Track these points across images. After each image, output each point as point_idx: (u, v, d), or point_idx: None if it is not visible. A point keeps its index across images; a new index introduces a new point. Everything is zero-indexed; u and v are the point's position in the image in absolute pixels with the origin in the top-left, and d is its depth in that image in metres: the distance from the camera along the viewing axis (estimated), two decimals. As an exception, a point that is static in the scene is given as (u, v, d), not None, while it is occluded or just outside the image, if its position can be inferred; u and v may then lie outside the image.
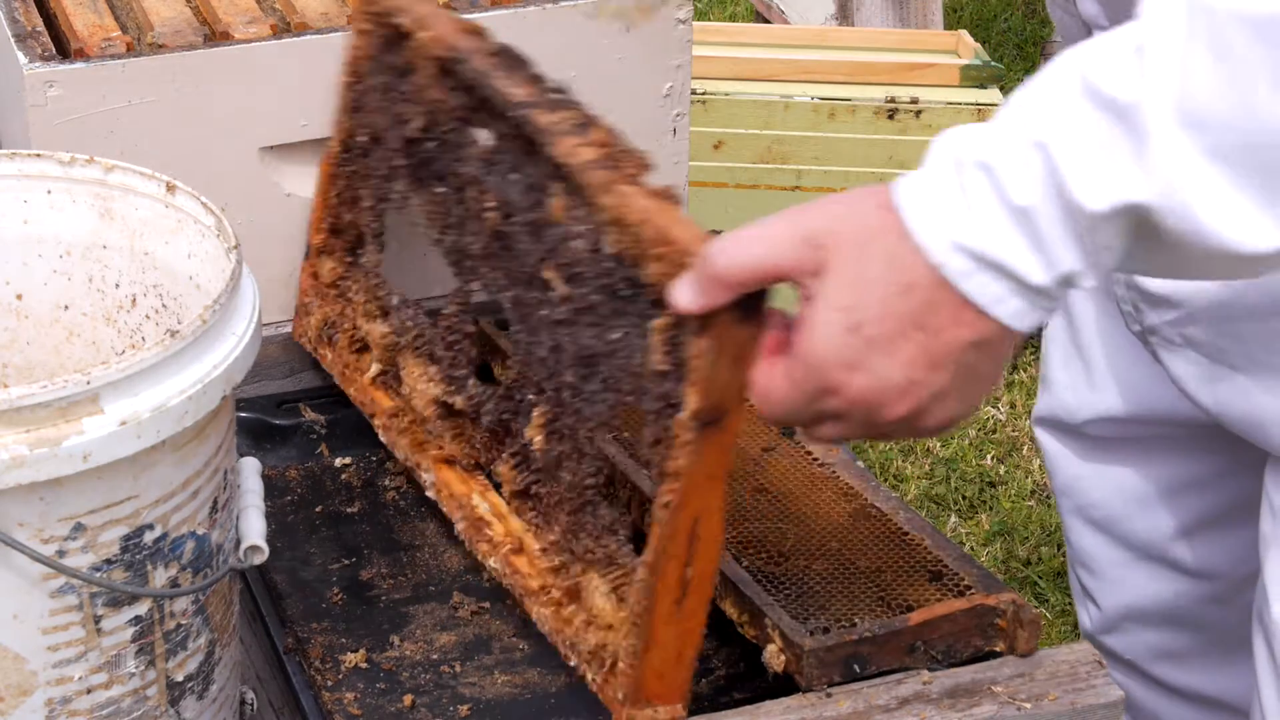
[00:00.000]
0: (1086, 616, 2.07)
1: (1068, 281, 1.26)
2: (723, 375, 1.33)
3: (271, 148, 1.89)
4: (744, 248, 1.30)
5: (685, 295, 1.33)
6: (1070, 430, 2.00)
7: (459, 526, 1.64)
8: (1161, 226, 1.22)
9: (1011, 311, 1.27)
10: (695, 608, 1.41)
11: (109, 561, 1.36)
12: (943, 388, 1.30)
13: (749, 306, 1.31)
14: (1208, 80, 1.19)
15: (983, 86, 4.22)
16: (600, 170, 1.45)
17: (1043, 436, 2.04)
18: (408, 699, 1.56)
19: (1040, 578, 3.24)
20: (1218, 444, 1.85)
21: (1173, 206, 1.21)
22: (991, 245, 1.25)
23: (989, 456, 3.61)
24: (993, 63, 4.24)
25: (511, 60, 1.62)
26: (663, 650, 1.41)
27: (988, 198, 1.25)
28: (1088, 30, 1.67)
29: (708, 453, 1.36)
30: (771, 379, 1.32)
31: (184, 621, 1.43)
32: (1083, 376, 1.97)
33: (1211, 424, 1.76)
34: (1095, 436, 1.99)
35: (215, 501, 1.44)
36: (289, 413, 1.88)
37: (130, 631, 1.39)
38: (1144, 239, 1.25)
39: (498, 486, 1.63)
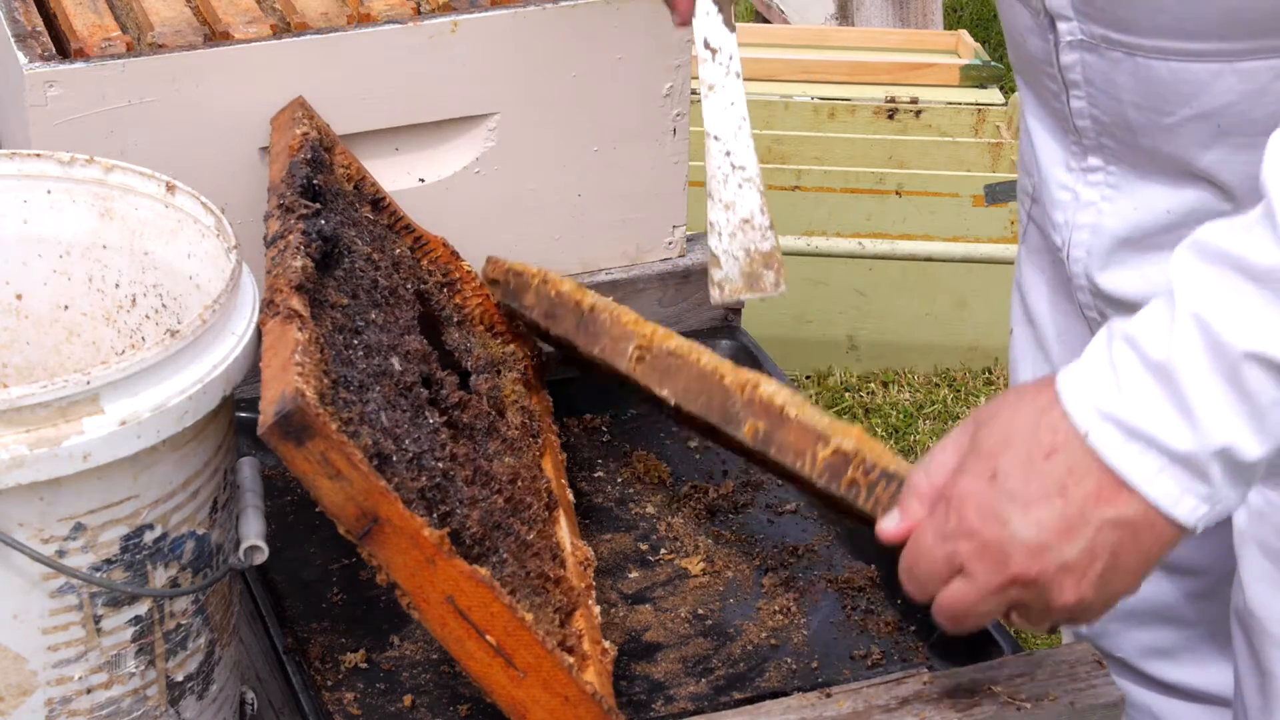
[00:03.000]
0: None
1: (1228, 458, 1.26)
2: (332, 493, 1.36)
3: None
4: (929, 461, 1.39)
5: (891, 525, 1.40)
6: None
7: None
8: None
9: (1161, 491, 1.28)
10: (534, 658, 1.41)
11: (109, 561, 1.36)
12: (1074, 561, 1.30)
13: (287, 429, 1.34)
14: None
15: (983, 86, 4.22)
16: (260, 313, 1.49)
17: None
18: (408, 699, 1.56)
19: (1040, 578, 3.24)
20: None
21: None
22: (1135, 412, 1.27)
23: (989, 456, 3.60)
24: (993, 63, 4.24)
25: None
26: (540, 706, 1.42)
27: (1131, 363, 1.28)
28: (1050, 21, 1.66)
29: (394, 552, 1.38)
30: (920, 530, 1.37)
31: (184, 621, 1.43)
32: None
33: None
34: None
35: (215, 501, 1.44)
36: (289, 413, 1.87)
37: (130, 631, 1.39)
38: None
39: None
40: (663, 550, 1.74)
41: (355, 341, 1.57)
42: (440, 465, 1.54)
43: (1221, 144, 1.61)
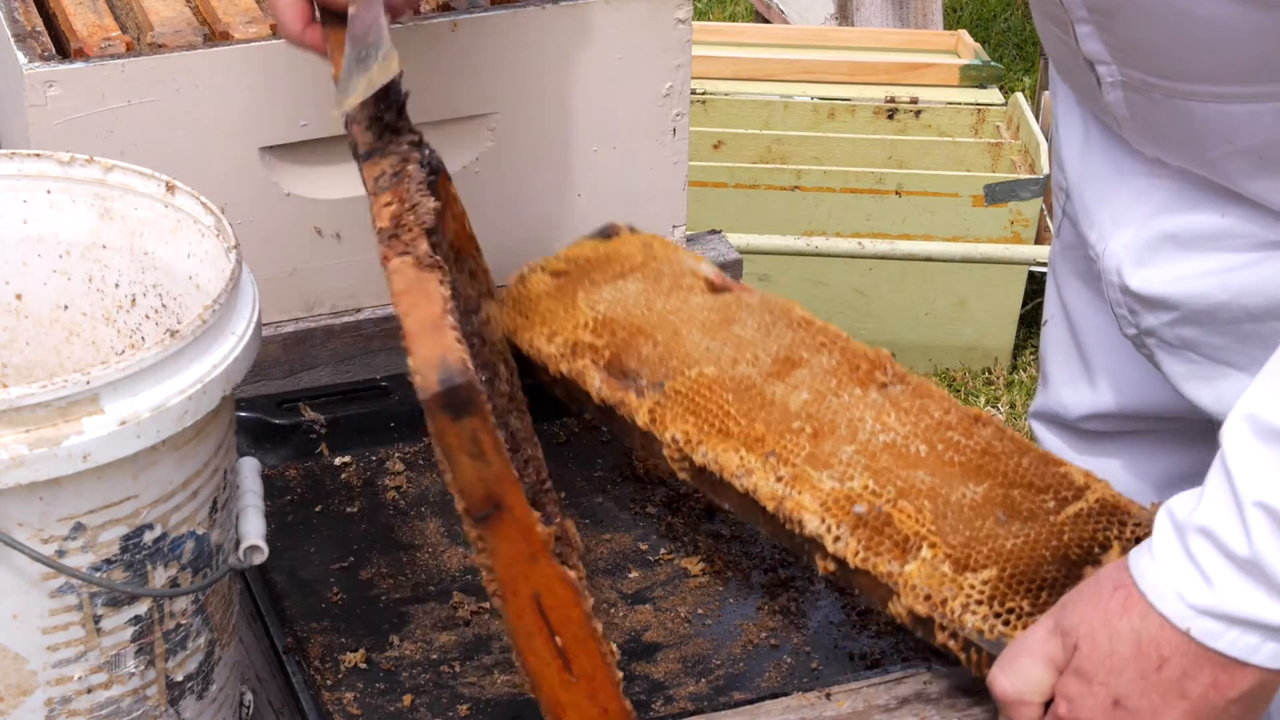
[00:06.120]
0: None
1: None
2: (468, 471, 1.34)
3: (271, 148, 1.89)
4: (1015, 671, 1.42)
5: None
6: (1066, 425, 2.02)
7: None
8: None
9: (1268, 656, 1.35)
10: (590, 666, 1.41)
11: (109, 561, 1.36)
12: None
13: (450, 401, 1.32)
14: None
15: (982, 86, 4.22)
16: (383, 244, 1.41)
17: (1039, 429, 2.05)
18: (407, 699, 1.56)
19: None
20: (1212, 438, 1.86)
21: None
22: (1231, 602, 1.33)
23: (989, 456, 3.60)
24: (992, 63, 4.25)
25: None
26: (578, 712, 1.42)
27: (1215, 559, 1.34)
28: (1090, 67, 1.68)
29: (504, 541, 1.37)
30: None
31: (184, 621, 1.43)
32: (1081, 373, 1.98)
33: (1206, 419, 1.76)
34: (1091, 431, 2.00)
35: (215, 501, 1.44)
36: (289, 412, 1.88)
37: (130, 631, 1.39)
38: None
39: None
40: (663, 550, 1.74)
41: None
42: (529, 466, 1.53)
43: (1266, 174, 1.62)
